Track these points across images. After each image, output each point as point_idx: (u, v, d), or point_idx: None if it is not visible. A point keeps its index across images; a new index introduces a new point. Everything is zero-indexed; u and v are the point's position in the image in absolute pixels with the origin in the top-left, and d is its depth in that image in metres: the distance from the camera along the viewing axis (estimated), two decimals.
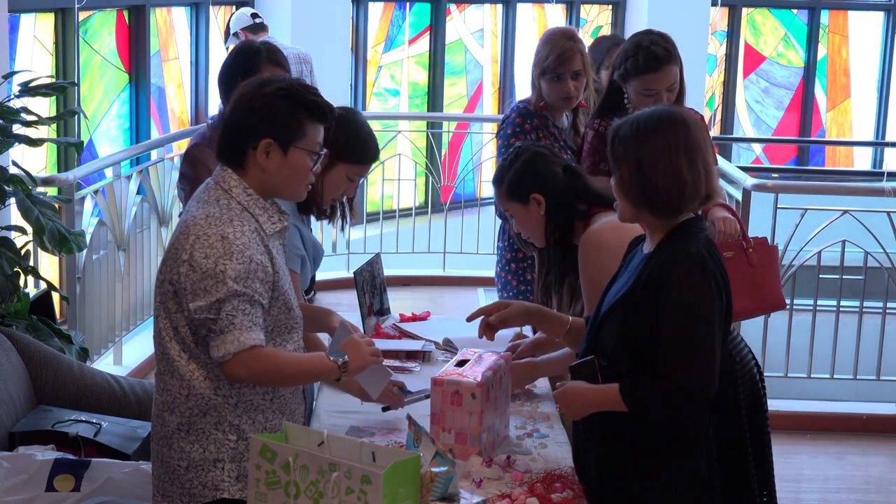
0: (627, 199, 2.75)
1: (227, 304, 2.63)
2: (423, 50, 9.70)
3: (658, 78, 3.98)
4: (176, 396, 2.75)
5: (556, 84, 4.19)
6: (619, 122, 2.79)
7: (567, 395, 2.81)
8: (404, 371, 3.63)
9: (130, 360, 5.92)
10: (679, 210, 2.73)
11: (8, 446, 3.76)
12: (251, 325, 2.65)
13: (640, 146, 2.71)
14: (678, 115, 2.76)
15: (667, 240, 2.73)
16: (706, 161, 2.73)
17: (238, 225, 2.69)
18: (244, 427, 2.74)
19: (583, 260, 3.23)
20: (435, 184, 8.60)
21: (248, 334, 2.64)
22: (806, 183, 8.99)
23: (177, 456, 2.76)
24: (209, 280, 2.63)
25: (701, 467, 2.79)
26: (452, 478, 2.54)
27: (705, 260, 2.67)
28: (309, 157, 2.76)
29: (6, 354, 3.95)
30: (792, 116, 11.56)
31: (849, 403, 5.96)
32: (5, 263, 4.40)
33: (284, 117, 2.72)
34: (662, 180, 2.68)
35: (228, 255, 2.64)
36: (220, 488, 2.74)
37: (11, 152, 4.86)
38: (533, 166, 3.35)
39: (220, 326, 2.64)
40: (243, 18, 7.63)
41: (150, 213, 6.18)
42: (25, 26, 6.18)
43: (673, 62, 4.00)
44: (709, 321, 2.65)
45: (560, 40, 4.21)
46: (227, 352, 2.64)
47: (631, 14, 10.39)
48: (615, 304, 2.77)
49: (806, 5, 11.42)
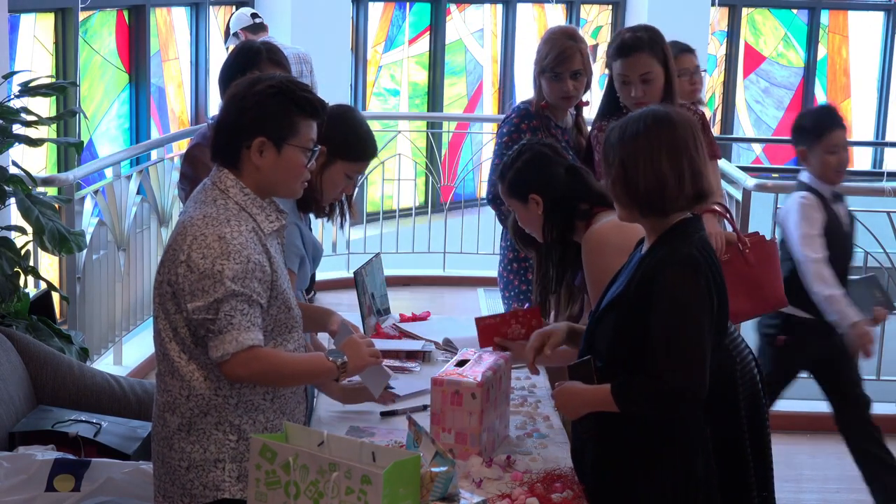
0: (618, 200, 2.77)
1: (224, 304, 2.63)
2: (423, 50, 9.71)
3: (628, 64, 3.98)
4: (176, 397, 2.75)
5: (556, 83, 4.19)
6: (613, 125, 2.81)
7: (564, 395, 2.82)
8: (404, 371, 3.64)
9: (130, 360, 5.92)
10: (664, 210, 2.73)
11: (8, 446, 3.76)
12: (249, 325, 2.65)
13: (624, 148, 2.73)
14: (664, 116, 2.75)
15: (660, 241, 2.74)
16: (692, 160, 2.72)
17: (235, 225, 2.69)
18: (245, 427, 2.74)
19: (586, 258, 3.24)
20: (435, 184, 8.61)
21: (247, 334, 2.64)
22: None
23: (177, 456, 2.76)
24: (207, 280, 2.63)
25: (697, 467, 2.79)
26: (452, 478, 2.54)
27: (697, 260, 2.67)
28: (303, 153, 2.77)
29: (6, 354, 3.95)
30: (792, 116, 11.45)
31: None
32: (5, 263, 4.40)
33: (276, 115, 2.72)
34: (644, 181, 2.70)
35: (226, 255, 2.64)
36: (221, 488, 2.74)
37: (11, 152, 4.86)
38: (533, 166, 3.37)
39: (219, 327, 2.64)
40: (243, 18, 7.63)
41: (150, 213, 6.18)
42: (25, 26, 6.18)
43: (643, 50, 3.98)
44: (700, 321, 2.65)
45: (560, 39, 4.21)
46: (225, 352, 2.64)
47: (631, 14, 10.39)
48: (610, 304, 2.78)
49: (806, 5, 11.43)
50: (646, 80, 3.98)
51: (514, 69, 10.05)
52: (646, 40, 4.00)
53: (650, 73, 3.98)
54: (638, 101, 3.94)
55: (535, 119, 4.24)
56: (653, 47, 4.00)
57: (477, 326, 3.33)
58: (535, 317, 3.32)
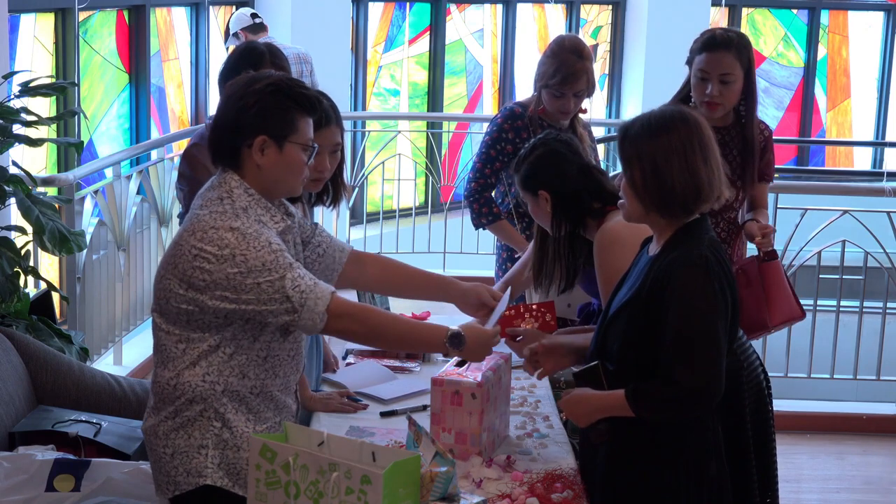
0: (639, 199, 2.71)
1: (280, 283, 2.64)
2: (423, 50, 9.71)
3: (711, 60, 3.90)
4: (164, 387, 2.76)
5: (557, 100, 4.20)
6: (629, 122, 2.75)
7: (572, 403, 2.80)
8: (404, 371, 3.64)
9: (130, 360, 5.92)
10: (692, 211, 2.70)
11: (8, 446, 3.75)
12: (314, 283, 2.68)
13: (653, 145, 2.67)
14: (689, 114, 2.73)
15: (671, 242, 2.71)
16: (717, 161, 2.70)
17: (245, 218, 2.70)
18: (229, 416, 2.74)
19: (599, 256, 3.24)
20: (435, 184, 8.60)
21: (318, 288, 2.67)
22: (806, 183, 8.98)
23: (163, 444, 2.77)
24: (238, 272, 2.63)
25: (710, 469, 2.78)
26: (452, 478, 2.54)
27: (709, 262, 2.65)
28: (303, 151, 2.77)
29: (6, 354, 3.95)
30: (792, 116, 11.56)
31: (849, 403, 5.96)
32: (5, 263, 4.40)
33: (276, 113, 2.72)
34: (679, 180, 2.65)
35: (245, 243, 2.64)
36: (204, 475, 2.74)
37: (11, 152, 4.86)
38: (543, 163, 3.36)
39: (296, 304, 2.65)
40: (243, 18, 7.63)
41: (150, 213, 6.17)
42: (25, 26, 6.18)
43: (730, 49, 3.90)
44: (714, 324, 2.64)
45: (569, 58, 4.17)
46: (320, 315, 2.67)
47: (631, 14, 10.39)
48: (622, 307, 2.76)
49: (806, 5, 11.42)
50: (724, 80, 3.89)
51: (514, 69, 10.05)
52: (735, 41, 3.94)
53: (731, 75, 3.89)
54: (711, 100, 3.89)
55: (519, 120, 4.25)
56: (740, 50, 3.92)
57: None
58: (550, 310, 3.32)
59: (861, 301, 5.89)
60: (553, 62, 4.18)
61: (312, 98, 2.79)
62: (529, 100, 4.32)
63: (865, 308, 5.86)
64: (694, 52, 3.99)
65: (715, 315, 2.64)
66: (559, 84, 4.15)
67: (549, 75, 4.18)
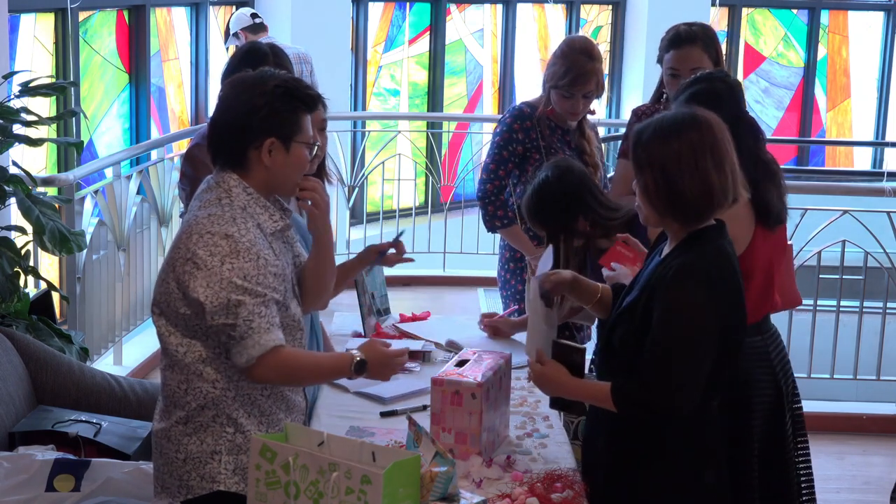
0: (653, 206, 2.67)
1: (242, 308, 2.63)
2: (423, 50, 9.70)
3: (679, 56, 3.96)
4: (175, 390, 2.77)
5: (567, 100, 4.19)
6: (642, 126, 2.70)
7: (545, 379, 2.81)
8: (404, 371, 3.63)
9: (130, 360, 5.92)
10: (706, 217, 2.66)
11: (8, 446, 3.76)
12: (269, 327, 2.67)
13: (663, 150, 2.62)
14: (702, 117, 2.66)
15: (679, 248, 2.67)
16: (733, 164, 2.64)
17: (242, 223, 2.70)
18: (241, 421, 2.75)
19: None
20: (435, 184, 8.60)
21: (268, 336, 2.66)
22: (806, 183, 8.97)
23: (175, 448, 2.77)
24: (214, 280, 2.63)
25: (708, 478, 2.76)
26: (452, 478, 2.54)
27: (709, 276, 2.61)
28: (307, 149, 2.79)
29: (6, 354, 3.95)
30: (792, 116, 11.57)
31: (849, 403, 5.95)
32: (5, 263, 4.40)
33: (286, 115, 2.73)
34: (689, 186, 2.60)
35: (235, 253, 2.65)
36: (217, 480, 2.75)
37: (11, 152, 4.86)
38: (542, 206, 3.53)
39: (240, 333, 2.65)
40: (243, 18, 7.63)
41: (150, 213, 6.18)
42: (25, 26, 6.18)
43: (696, 43, 3.95)
44: (693, 339, 2.60)
45: (579, 59, 4.16)
46: (250, 357, 2.66)
47: (631, 14, 10.39)
48: (626, 309, 2.76)
49: (806, 5, 11.43)
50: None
51: (514, 69, 10.04)
52: (700, 35, 4.00)
53: (700, 69, 3.87)
54: None
55: (528, 120, 4.24)
56: (707, 43, 3.98)
57: None
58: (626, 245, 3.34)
59: (861, 301, 5.89)
60: (563, 63, 4.18)
61: (315, 96, 2.81)
62: (538, 100, 4.30)
63: (865, 308, 5.86)
64: (662, 51, 4.06)
65: (699, 330, 2.60)
66: (569, 85, 4.15)
67: (558, 76, 4.17)
